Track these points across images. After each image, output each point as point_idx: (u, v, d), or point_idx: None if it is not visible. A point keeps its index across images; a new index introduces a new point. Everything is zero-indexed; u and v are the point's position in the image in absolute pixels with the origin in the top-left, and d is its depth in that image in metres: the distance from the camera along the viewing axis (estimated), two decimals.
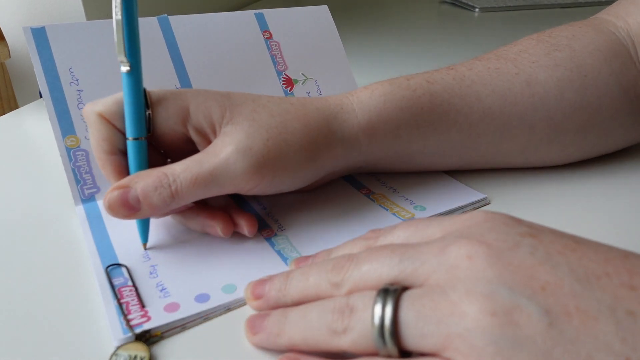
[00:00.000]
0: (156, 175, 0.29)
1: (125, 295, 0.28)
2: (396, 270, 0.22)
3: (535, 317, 0.18)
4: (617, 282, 0.19)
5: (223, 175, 0.29)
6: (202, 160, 0.29)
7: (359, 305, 0.21)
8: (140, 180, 0.29)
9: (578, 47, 0.37)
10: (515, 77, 0.35)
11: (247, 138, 0.30)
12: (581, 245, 0.20)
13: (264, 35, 0.44)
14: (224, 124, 0.31)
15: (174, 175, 0.29)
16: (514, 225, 0.22)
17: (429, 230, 0.24)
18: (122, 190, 0.29)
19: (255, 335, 0.25)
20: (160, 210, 0.29)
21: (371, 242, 0.26)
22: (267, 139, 0.30)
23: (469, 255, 0.20)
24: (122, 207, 0.29)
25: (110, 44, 0.38)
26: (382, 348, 0.20)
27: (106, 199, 0.29)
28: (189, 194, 0.29)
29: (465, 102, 0.35)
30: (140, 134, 0.30)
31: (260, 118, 0.31)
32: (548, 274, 0.19)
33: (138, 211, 0.29)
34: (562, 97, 0.35)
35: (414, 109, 0.34)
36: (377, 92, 0.34)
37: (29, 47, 0.36)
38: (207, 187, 0.29)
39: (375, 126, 0.33)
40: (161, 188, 0.29)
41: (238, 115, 0.31)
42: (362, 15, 0.99)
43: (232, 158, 0.29)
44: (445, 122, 0.34)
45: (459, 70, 0.36)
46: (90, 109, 0.31)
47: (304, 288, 0.25)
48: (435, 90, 0.34)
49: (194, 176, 0.29)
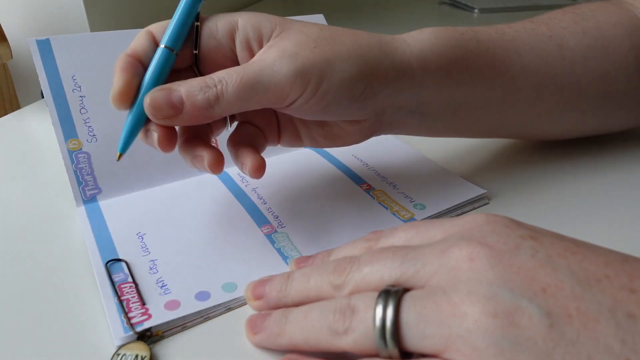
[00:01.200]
0: (200, 79, 0.28)
1: (126, 292, 0.28)
2: (398, 272, 0.22)
3: (536, 318, 0.18)
4: (617, 285, 0.19)
5: (268, 77, 0.28)
6: (247, 66, 0.29)
7: (360, 306, 0.22)
8: (182, 83, 0.28)
9: (602, 18, 0.38)
10: (549, 39, 0.36)
11: (294, 45, 0.29)
12: (581, 248, 0.21)
13: None
14: (272, 37, 0.30)
15: (219, 77, 0.28)
16: (514, 228, 0.22)
17: (430, 233, 0.24)
18: (166, 90, 0.28)
19: (256, 335, 0.25)
20: (202, 112, 0.28)
21: (372, 243, 0.26)
22: (314, 47, 0.29)
23: (470, 257, 0.20)
24: (166, 106, 0.28)
25: (112, 53, 0.39)
26: (384, 349, 0.20)
27: (148, 99, 0.28)
28: (234, 97, 0.28)
29: (507, 55, 0.35)
30: (173, 46, 0.29)
31: (310, 31, 0.30)
32: (549, 276, 0.19)
33: (181, 112, 0.28)
34: (588, 64, 0.37)
35: (463, 50, 0.34)
36: (427, 30, 0.33)
37: (34, 57, 0.37)
38: (252, 90, 0.28)
39: (428, 57, 0.32)
40: (207, 88, 0.28)
41: (288, 30, 0.30)
42: (361, 16, 0.99)
43: (277, 61, 0.28)
44: (490, 69, 0.35)
45: (499, 27, 0.37)
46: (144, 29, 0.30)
47: (304, 289, 0.25)
48: (481, 38, 0.35)
49: (240, 78, 0.28)
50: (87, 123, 0.37)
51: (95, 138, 0.37)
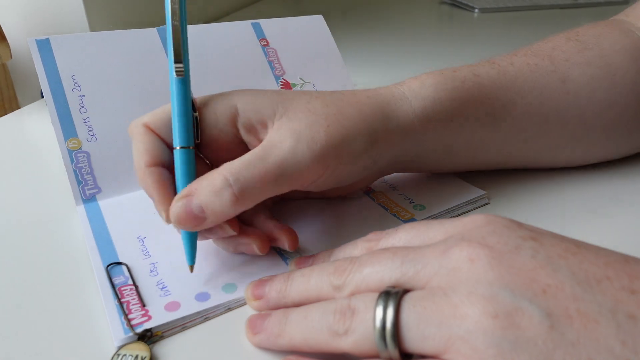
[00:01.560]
0: (214, 177, 0.27)
1: (126, 294, 0.28)
2: (398, 273, 0.22)
3: (537, 319, 0.18)
4: (617, 286, 0.19)
5: (292, 167, 0.28)
6: (264, 155, 0.28)
7: (360, 307, 0.21)
8: (198, 186, 0.27)
9: (606, 45, 0.37)
10: (552, 74, 0.36)
11: (307, 127, 0.29)
12: (582, 249, 0.21)
13: (261, 42, 0.45)
14: (276, 118, 0.29)
15: (235, 174, 0.27)
16: (515, 229, 0.22)
17: (431, 233, 0.24)
18: (185, 199, 0.27)
19: (256, 335, 0.25)
20: (224, 215, 0.27)
21: (373, 244, 0.26)
22: (327, 126, 0.29)
23: (471, 258, 0.20)
24: (189, 219, 0.26)
25: (111, 53, 0.39)
26: (384, 350, 0.20)
27: (172, 212, 0.27)
28: (256, 193, 0.27)
29: (509, 97, 0.35)
30: (189, 143, 0.28)
31: (315, 108, 0.30)
32: (549, 276, 0.19)
33: (205, 220, 0.27)
34: (593, 95, 0.36)
35: (464, 101, 0.33)
36: (427, 82, 0.33)
37: (34, 57, 0.37)
38: (276, 183, 0.28)
39: (429, 114, 0.33)
40: (222, 191, 0.26)
41: (292, 109, 0.30)
42: (361, 16, 0.99)
43: (298, 148, 0.28)
44: (491, 115, 0.34)
45: (500, 64, 0.36)
46: (135, 122, 0.30)
47: (304, 290, 0.25)
48: (482, 83, 0.34)
49: (262, 172, 0.27)
50: (86, 122, 0.37)
51: (94, 137, 0.37)
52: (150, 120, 0.29)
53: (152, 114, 0.30)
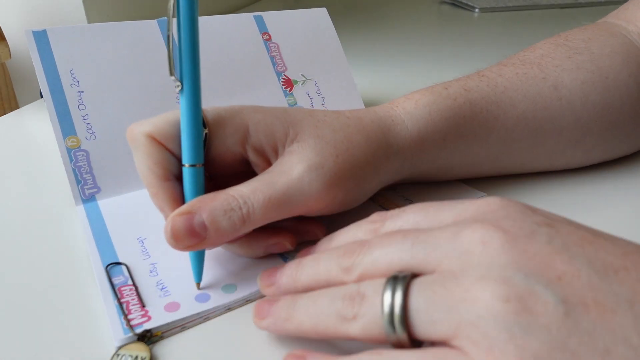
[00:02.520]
0: (224, 198, 0.27)
1: (126, 294, 0.28)
2: (408, 255, 0.21)
3: (551, 305, 0.18)
4: (635, 277, 0.18)
5: (297, 195, 0.28)
6: (272, 181, 0.28)
7: (369, 292, 0.21)
8: (204, 205, 0.26)
9: (596, 49, 0.37)
10: (542, 82, 0.36)
11: (317, 155, 0.29)
12: (599, 238, 0.20)
13: (263, 37, 0.44)
14: (287, 142, 0.29)
15: (244, 197, 0.27)
16: (530, 214, 0.21)
17: (441, 215, 0.24)
18: (186, 216, 0.26)
19: (263, 320, 0.24)
20: (227, 237, 0.27)
21: (377, 225, 0.26)
22: (336, 156, 0.29)
23: (484, 241, 0.20)
24: (187, 235, 0.26)
25: (111, 46, 0.39)
26: (392, 335, 0.20)
27: (168, 228, 0.26)
28: (261, 217, 0.27)
29: (501, 109, 0.35)
30: (199, 161, 0.27)
31: (324, 134, 0.30)
32: (565, 263, 0.19)
33: (204, 239, 0.26)
34: (587, 100, 0.36)
35: (457, 118, 0.34)
36: (421, 103, 0.33)
37: (30, 49, 0.36)
38: (281, 209, 0.28)
39: (424, 137, 0.33)
40: (231, 212, 0.26)
41: (302, 133, 0.29)
42: (362, 16, 0.99)
43: (305, 177, 0.28)
44: (484, 129, 0.34)
45: (490, 76, 0.36)
46: (137, 129, 0.28)
47: (314, 273, 0.24)
48: (473, 98, 0.34)
49: (267, 197, 0.27)
50: (85, 120, 0.37)
51: (94, 135, 0.37)
52: (155, 131, 0.28)
53: (154, 123, 0.28)
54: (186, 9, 0.25)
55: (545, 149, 0.37)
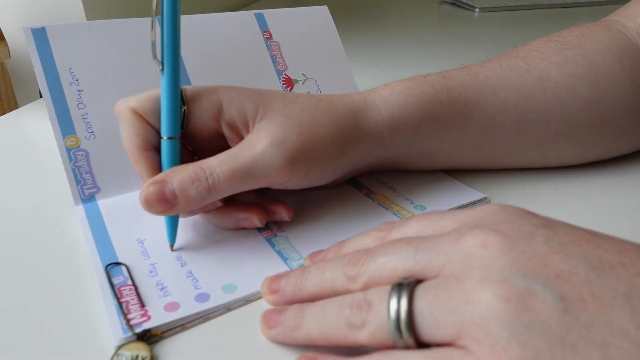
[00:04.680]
0: (192, 169, 0.29)
1: (125, 294, 0.28)
2: (411, 262, 0.22)
3: (550, 302, 0.18)
4: (632, 272, 0.19)
5: (259, 168, 0.30)
6: (237, 154, 0.30)
7: (375, 299, 0.22)
8: (175, 175, 0.29)
9: (588, 45, 0.37)
10: (526, 73, 0.36)
11: (281, 132, 0.30)
12: (595, 237, 0.21)
13: (264, 35, 0.44)
14: (257, 119, 0.31)
15: (211, 168, 0.29)
16: (528, 217, 0.22)
17: (443, 222, 0.24)
18: (159, 184, 0.29)
19: (272, 329, 0.25)
20: (196, 205, 0.29)
21: (384, 233, 0.27)
22: (300, 133, 0.31)
23: (483, 244, 0.21)
24: (158, 202, 0.29)
25: (110, 44, 0.39)
26: (399, 340, 0.20)
27: (142, 195, 0.29)
28: (226, 188, 0.29)
29: (481, 96, 0.35)
30: (176, 134, 0.30)
31: (292, 113, 0.31)
32: (563, 262, 0.19)
33: (175, 206, 0.29)
34: (575, 92, 0.36)
35: (434, 103, 0.34)
36: (397, 89, 0.34)
37: (29, 47, 0.36)
38: (244, 180, 0.30)
39: (397, 121, 0.34)
40: (198, 182, 0.29)
41: (271, 111, 0.31)
42: (362, 16, 0.99)
43: (268, 151, 0.30)
44: (462, 115, 0.35)
45: (472, 67, 0.37)
46: (123, 104, 0.31)
47: (320, 282, 0.25)
48: (452, 85, 0.35)
49: (231, 169, 0.29)
50: (85, 119, 0.37)
51: (93, 135, 0.37)
52: (138, 106, 0.31)
53: (138, 99, 0.31)
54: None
55: (532, 139, 0.37)
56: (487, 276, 0.19)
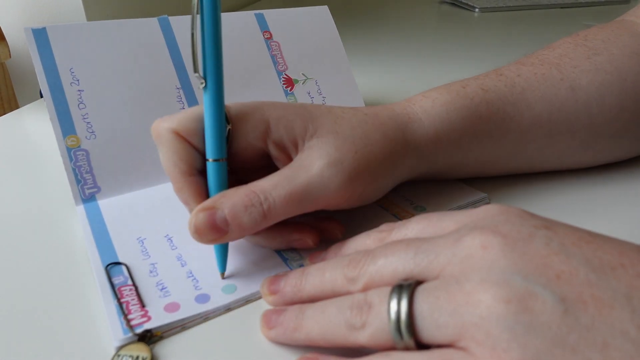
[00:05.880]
0: (245, 194, 0.27)
1: (125, 294, 0.28)
2: (411, 263, 0.22)
3: (550, 304, 0.18)
4: (632, 273, 0.19)
5: (317, 190, 0.28)
6: (292, 176, 0.28)
7: (375, 301, 0.22)
8: (226, 200, 0.27)
9: (616, 50, 0.37)
10: (560, 83, 0.35)
11: (336, 151, 0.29)
12: (596, 238, 0.21)
13: (264, 35, 0.44)
14: (307, 137, 0.30)
15: (265, 192, 0.27)
16: (528, 218, 0.22)
17: (443, 224, 0.24)
18: (209, 211, 0.27)
19: (272, 330, 0.25)
20: (248, 232, 0.27)
21: (385, 234, 0.27)
22: (355, 152, 0.30)
23: (483, 245, 0.21)
24: (210, 230, 0.27)
25: (111, 45, 0.39)
26: (400, 341, 0.20)
27: (192, 223, 0.27)
28: (282, 213, 0.28)
29: (517, 110, 0.35)
30: (222, 155, 0.28)
31: (342, 130, 0.30)
32: (563, 263, 0.19)
33: (226, 234, 0.27)
34: (603, 102, 0.36)
35: (474, 118, 0.34)
36: (438, 102, 0.34)
37: (30, 47, 0.36)
38: (301, 204, 0.28)
39: (440, 136, 0.33)
40: (252, 207, 0.27)
41: (321, 129, 0.30)
42: (362, 16, 0.99)
43: (326, 172, 0.28)
44: (500, 129, 0.35)
45: (508, 75, 0.36)
46: (163, 125, 0.29)
47: (320, 283, 0.25)
48: (490, 99, 0.34)
49: (288, 192, 0.27)
50: (85, 119, 0.37)
51: (94, 135, 0.37)
52: (179, 127, 0.28)
53: (179, 119, 0.29)
54: (209, 7, 0.26)
55: (557, 150, 0.37)
56: (488, 278, 0.19)
